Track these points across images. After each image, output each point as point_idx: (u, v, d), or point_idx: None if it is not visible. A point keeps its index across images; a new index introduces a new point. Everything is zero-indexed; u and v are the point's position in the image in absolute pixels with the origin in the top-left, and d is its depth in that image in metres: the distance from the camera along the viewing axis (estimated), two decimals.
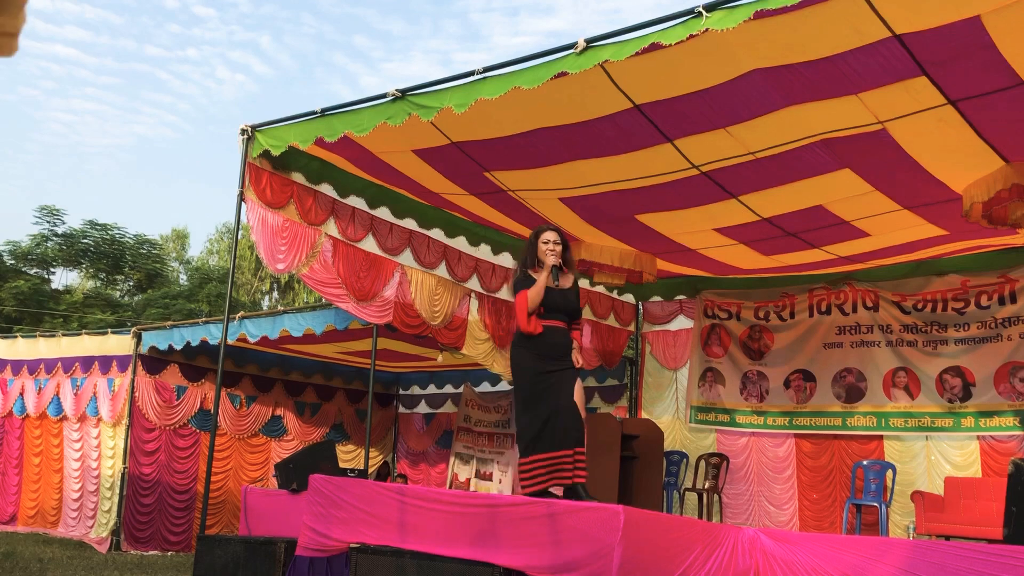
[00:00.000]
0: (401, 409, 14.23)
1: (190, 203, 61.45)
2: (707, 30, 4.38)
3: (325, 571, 5.26)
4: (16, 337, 13.01)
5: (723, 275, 9.65)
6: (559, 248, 5.44)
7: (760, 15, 4.25)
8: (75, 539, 10.74)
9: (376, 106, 5.97)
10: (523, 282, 5.39)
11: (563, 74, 4.97)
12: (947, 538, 7.14)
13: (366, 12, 61.85)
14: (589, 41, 4.93)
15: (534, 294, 5.27)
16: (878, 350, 8.96)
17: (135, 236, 31.26)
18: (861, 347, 9.08)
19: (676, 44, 4.53)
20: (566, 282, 5.48)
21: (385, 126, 5.85)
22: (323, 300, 8.54)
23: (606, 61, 4.86)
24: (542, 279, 5.31)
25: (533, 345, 5.32)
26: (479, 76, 5.39)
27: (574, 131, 5.95)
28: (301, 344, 10.99)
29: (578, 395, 5.30)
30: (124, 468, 10.60)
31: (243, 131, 6.80)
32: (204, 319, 11.28)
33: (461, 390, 12.97)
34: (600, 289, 10.08)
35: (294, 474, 6.97)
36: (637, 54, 4.69)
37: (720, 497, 9.25)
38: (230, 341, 9.04)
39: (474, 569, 4.38)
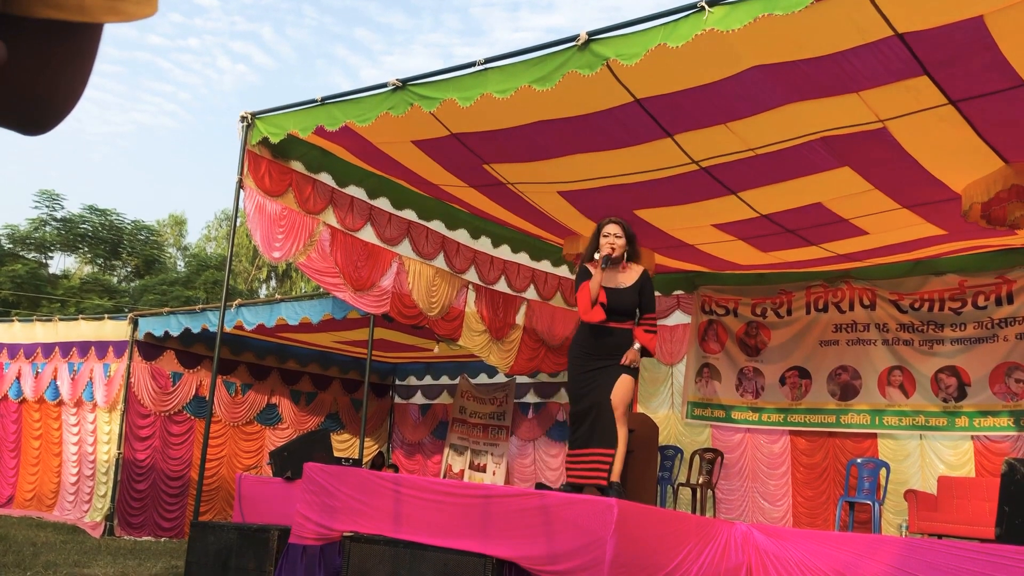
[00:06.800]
0: (397, 399, 14.23)
1: (189, 190, 61.42)
2: (712, 28, 4.37)
3: (318, 559, 5.27)
4: (13, 321, 13.00)
5: (721, 271, 9.65)
6: (620, 241, 5.38)
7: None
8: (69, 523, 10.75)
9: (377, 95, 5.94)
10: (581, 276, 5.43)
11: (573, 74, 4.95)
12: (939, 537, 7.16)
13: (367, 5, 61.76)
14: (591, 34, 4.92)
15: (594, 286, 5.26)
16: (874, 348, 8.97)
17: (133, 222, 31.18)
18: (857, 345, 9.09)
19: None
20: (623, 279, 5.41)
21: (385, 116, 5.82)
22: (320, 289, 8.54)
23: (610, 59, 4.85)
24: (597, 273, 5.31)
25: (576, 341, 5.46)
26: (480, 67, 5.38)
27: (574, 124, 5.93)
28: (298, 333, 10.99)
29: (616, 394, 5.28)
30: (119, 453, 10.61)
31: (243, 118, 6.79)
32: (201, 306, 11.28)
33: (457, 381, 12.98)
34: None
35: (289, 462, 6.97)
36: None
37: (714, 492, 9.26)
38: (227, 329, 9.04)
39: (468, 559, 4.39)
